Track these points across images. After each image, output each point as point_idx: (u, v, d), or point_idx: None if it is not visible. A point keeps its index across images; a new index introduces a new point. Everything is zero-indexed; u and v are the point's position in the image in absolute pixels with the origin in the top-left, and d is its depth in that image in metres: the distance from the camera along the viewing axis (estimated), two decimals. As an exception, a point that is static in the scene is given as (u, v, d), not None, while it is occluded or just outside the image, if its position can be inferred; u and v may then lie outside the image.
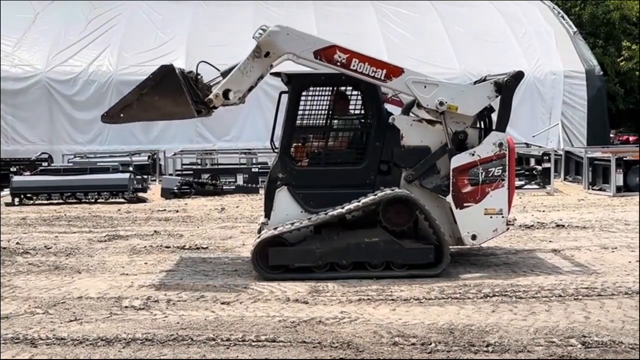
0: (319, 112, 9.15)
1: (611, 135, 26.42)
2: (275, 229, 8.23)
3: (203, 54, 22.41)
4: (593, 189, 17.25)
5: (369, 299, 7.16)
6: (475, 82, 9.34)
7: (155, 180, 19.08)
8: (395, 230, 8.29)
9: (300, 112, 8.84)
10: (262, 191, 17.29)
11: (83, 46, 22.99)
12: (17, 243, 10.75)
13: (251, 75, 8.46)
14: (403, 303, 7.02)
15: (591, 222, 12.17)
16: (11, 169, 18.40)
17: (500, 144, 8.35)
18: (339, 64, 8.35)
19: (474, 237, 8.42)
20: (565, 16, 26.12)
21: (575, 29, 25.33)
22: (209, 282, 8.00)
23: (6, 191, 16.71)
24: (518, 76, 8.48)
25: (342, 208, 8.17)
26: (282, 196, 8.50)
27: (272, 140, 9.34)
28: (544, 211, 13.76)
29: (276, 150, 9.04)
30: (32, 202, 15.86)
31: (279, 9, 25.60)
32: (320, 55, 8.37)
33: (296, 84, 8.93)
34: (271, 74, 9.14)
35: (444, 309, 6.79)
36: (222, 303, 7.07)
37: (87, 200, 15.92)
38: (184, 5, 26.13)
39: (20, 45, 22.95)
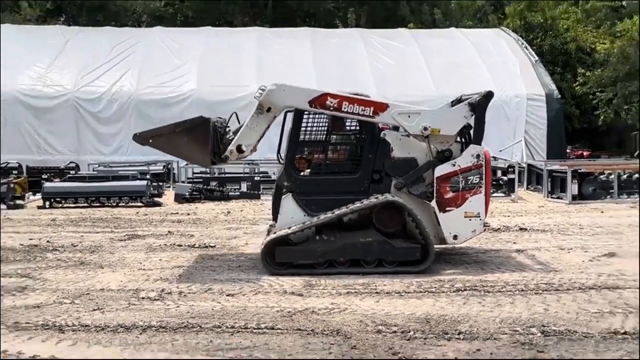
0: (319, 129, 9.15)
1: (567, 151, 26.52)
2: (280, 231, 8.27)
3: (212, 77, 22.50)
4: (552, 197, 17.29)
5: (356, 292, 7.16)
6: (452, 102, 9.33)
7: (169, 187, 19.07)
8: (386, 231, 8.31)
9: (302, 129, 8.83)
10: (263, 197, 17.35)
11: (107, 69, 22.99)
12: (48, 241, 10.72)
13: (258, 130, 8.52)
14: (386, 296, 7.02)
15: (550, 226, 12.19)
16: (43, 176, 18.38)
17: (478, 156, 8.40)
18: (331, 108, 8.43)
19: (455, 237, 8.46)
20: (528, 47, 26.24)
21: (536, 58, 25.46)
22: (216, 277, 8.00)
23: (38, 195, 16.68)
24: (488, 95, 8.54)
25: (341, 210, 8.21)
26: (287, 202, 8.50)
27: (278, 153, 9.34)
28: (508, 216, 13.79)
29: (282, 162, 9.03)
30: (61, 205, 15.83)
31: (280, 40, 25.68)
32: (315, 103, 8.45)
33: None
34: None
35: (422, 301, 6.79)
36: (227, 295, 7.07)
37: (109, 204, 15.90)
38: (196, 34, 26.21)
39: (52, 68, 22.93)
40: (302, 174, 8.79)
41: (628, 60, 25.15)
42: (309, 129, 8.95)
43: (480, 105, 8.45)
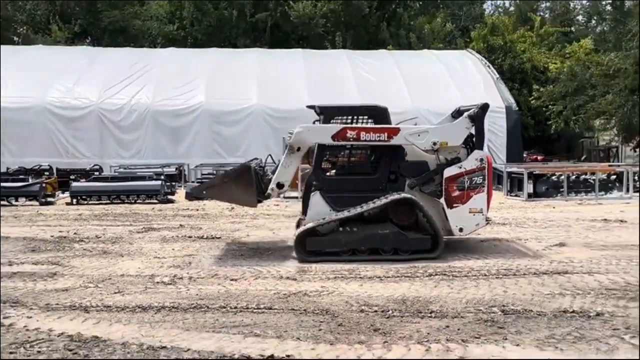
0: None
1: (524, 155, 26.57)
2: (309, 223, 8.33)
3: (218, 91, 22.43)
4: (510, 195, 17.35)
5: (342, 277, 7.16)
6: (452, 113, 9.49)
7: (181, 186, 18.99)
8: (401, 224, 8.37)
9: None
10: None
11: (127, 84, 22.87)
12: (75, 233, 10.65)
13: (291, 167, 8.57)
14: (368, 280, 7.02)
15: (509, 220, 12.25)
16: (70, 177, 18.27)
17: (481, 160, 8.50)
18: (352, 139, 8.47)
19: (461, 230, 8.53)
20: (491, 66, 26.30)
21: (497, 76, 25.53)
22: (221, 264, 7.97)
23: (67, 194, 16.58)
24: (484, 107, 8.71)
25: (362, 207, 8.28)
26: (316, 198, 8.53)
27: (307, 155, 9.27)
28: (474, 211, 13.79)
29: (311, 164, 9.04)
30: (86, 202, 15.71)
31: (277, 59, 25.63)
32: (337, 137, 8.45)
33: (327, 113, 9.07)
34: (307, 106, 9.40)
35: (399, 284, 6.79)
36: (231, 280, 7.05)
37: (128, 201, 15.80)
38: (204, 54, 26.12)
39: (79, 83, 22.77)
40: (328, 174, 8.84)
41: (575, 78, 25.23)
42: None
43: (478, 116, 8.59)
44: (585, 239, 9.74)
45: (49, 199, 16.14)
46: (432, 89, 23.27)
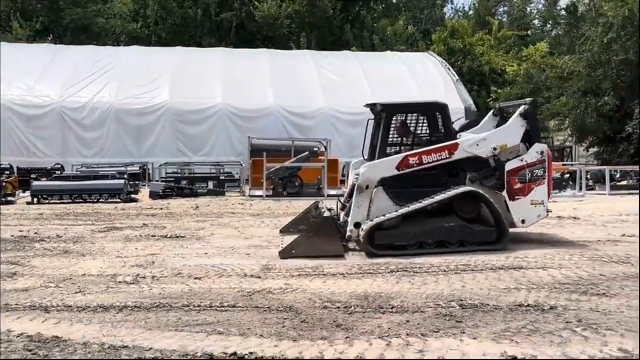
0: (407, 131, 9.29)
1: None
2: (377, 218, 8.32)
3: (183, 90, 22.14)
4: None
5: (306, 275, 7.14)
6: (494, 112, 9.66)
7: (145, 185, 18.68)
8: (466, 217, 8.44)
9: (390, 134, 9.00)
10: (227, 194, 17.18)
11: (89, 82, 22.41)
12: (35, 233, 10.37)
13: (364, 205, 8.49)
14: (332, 277, 7.02)
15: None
16: (32, 176, 17.81)
17: (542, 153, 8.65)
18: (415, 165, 8.50)
19: (523, 222, 8.65)
20: (451, 68, 26.67)
21: (457, 78, 25.90)
22: (185, 263, 7.85)
23: (28, 193, 16.15)
24: (533, 103, 8.93)
25: (433, 199, 8.37)
26: (379, 194, 8.51)
27: (363, 152, 9.50)
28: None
29: (365, 159, 9.19)
30: (47, 202, 15.34)
31: (242, 59, 25.42)
32: (401, 166, 8.50)
33: (389, 111, 9.07)
34: (365, 105, 9.48)
35: (362, 281, 6.81)
36: (195, 278, 6.95)
37: (91, 201, 15.49)
38: (169, 53, 25.77)
39: (41, 81, 22.20)
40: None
41: (532, 80, 25.83)
42: (395, 135, 9.15)
43: (529, 113, 8.75)
44: (540, 236, 9.95)
45: (10, 199, 15.70)
46: (395, 90, 23.44)
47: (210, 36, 33.04)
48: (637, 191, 18.06)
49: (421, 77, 25.10)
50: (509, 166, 8.56)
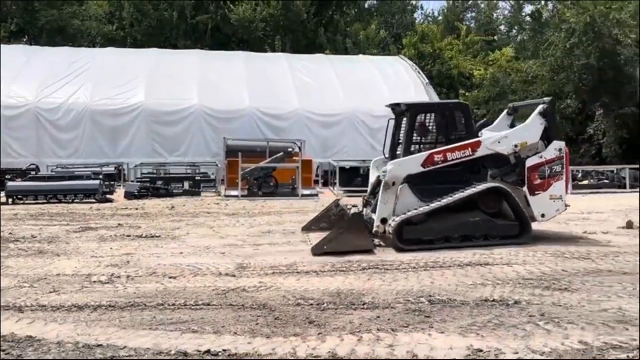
0: (430, 130, 9.43)
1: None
2: (404, 213, 8.50)
3: (158, 91, 21.88)
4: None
5: (280, 272, 7.13)
6: (507, 111, 9.96)
7: (120, 185, 18.39)
8: (489, 212, 8.61)
9: (415, 134, 9.16)
10: (202, 194, 17.04)
11: (65, 83, 21.97)
12: (10, 233, 10.13)
13: (390, 201, 8.66)
14: (305, 275, 7.02)
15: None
16: (6, 176, 17.37)
17: (560, 149, 8.86)
18: (440, 161, 8.67)
19: (543, 216, 8.85)
20: (421, 72, 26.88)
21: (427, 81, 26.11)
22: (160, 262, 7.76)
23: (2, 193, 15.76)
24: (552, 102, 9.18)
25: (457, 194, 8.56)
26: (404, 191, 8.65)
27: (383, 150, 9.75)
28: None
29: (386, 157, 9.40)
30: (22, 202, 15.00)
31: (217, 61, 25.23)
32: (426, 163, 8.66)
33: (413, 110, 9.22)
34: (386, 105, 9.70)
35: (334, 278, 6.83)
36: (170, 277, 6.87)
37: (65, 201, 15.19)
38: (144, 54, 25.44)
39: (15, 82, 21.70)
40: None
41: (497, 84, 26.19)
42: (418, 134, 9.30)
43: (548, 112, 8.97)
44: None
45: (-18, 199, 15.29)
46: (366, 92, 23.56)
47: (185, 38, 32.72)
48: (597, 190, 18.49)
49: (392, 80, 25.24)
50: (529, 162, 8.81)
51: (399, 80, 25.30)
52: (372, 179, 9.70)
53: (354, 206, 10.02)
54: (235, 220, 11.81)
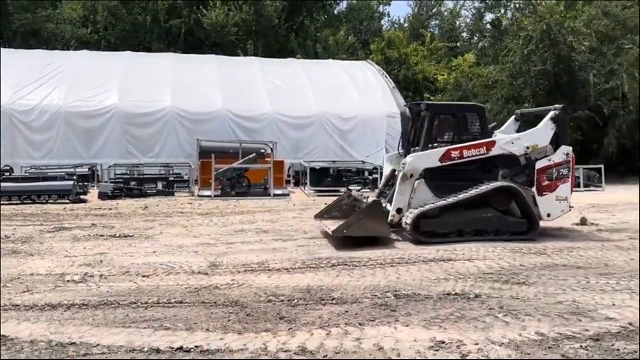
0: (447, 129, 9.72)
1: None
2: (420, 207, 8.77)
3: (132, 93, 21.52)
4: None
5: (252, 270, 7.09)
6: (515, 117, 10.36)
7: (94, 186, 18.01)
8: (500, 209, 8.88)
9: (433, 133, 9.45)
10: (176, 194, 16.82)
11: (38, 85, 21.38)
12: (-19, 234, 9.84)
13: (406, 192, 8.97)
14: (276, 272, 7.01)
15: (403, 214, 12.59)
16: (-21, 178, 16.83)
17: (567, 154, 9.16)
18: (456, 158, 8.96)
19: (549, 215, 9.11)
20: (388, 76, 27.01)
21: (393, 85, 26.26)
22: (133, 261, 7.64)
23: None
24: (564, 109, 9.48)
25: (472, 191, 8.84)
26: (421, 186, 8.92)
27: (398, 147, 10.21)
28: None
29: (400, 154, 9.78)
30: (-5, 202, 14.56)
31: (190, 64, 24.94)
32: (443, 158, 8.96)
33: (432, 110, 9.56)
34: (405, 105, 9.95)
35: (304, 275, 6.84)
36: (143, 276, 6.78)
37: (39, 201, 14.79)
38: (118, 57, 24.99)
39: (-12, 84, 21.06)
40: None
41: (460, 88, 26.50)
42: (435, 132, 9.57)
43: (559, 118, 9.25)
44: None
45: (-45, 200, 14.78)
46: (336, 96, 23.59)
47: (159, 42, 32.22)
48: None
49: (361, 84, 25.33)
50: (539, 164, 9.10)
51: (367, 84, 25.41)
52: (386, 172, 10.17)
53: (368, 197, 10.24)
54: (209, 220, 11.70)
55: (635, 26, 22.15)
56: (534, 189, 9.11)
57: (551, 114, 9.38)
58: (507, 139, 9.30)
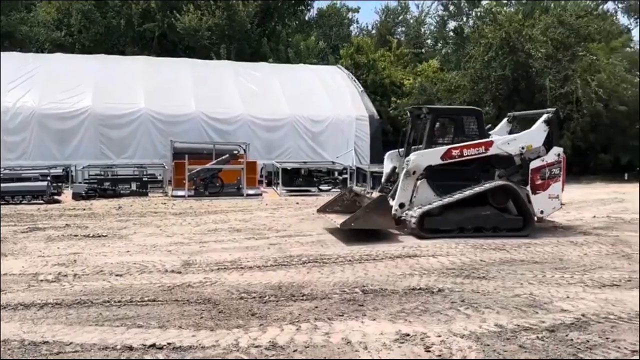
0: (447, 131, 9.93)
1: (384, 157, 27.69)
2: (424, 206, 8.97)
3: (106, 96, 21.10)
4: (373, 190, 17.96)
5: (225, 268, 7.03)
6: (508, 119, 10.69)
7: (68, 186, 17.59)
8: (498, 207, 9.09)
9: (435, 135, 9.66)
10: (150, 194, 16.56)
11: (12, 87, 20.80)
12: (-47, 235, 9.50)
13: (409, 189, 9.15)
14: (248, 270, 6.97)
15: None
16: (-49, 179, 16.22)
17: (559, 154, 9.42)
18: (457, 156, 9.17)
19: (542, 212, 9.36)
20: (357, 80, 27.14)
21: (362, 89, 26.40)
22: (107, 260, 7.49)
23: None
24: (557, 112, 9.71)
25: (472, 189, 9.08)
26: (423, 185, 9.10)
27: (398, 147, 10.30)
28: (342, 206, 14.14)
29: (400, 153, 9.98)
30: (-33, 204, 14.08)
31: (164, 67, 24.59)
32: (445, 156, 9.16)
33: (435, 113, 9.79)
34: (407, 109, 10.04)
35: (276, 273, 6.81)
36: (117, 275, 6.65)
37: (13, 202, 14.37)
38: (92, 59, 24.48)
39: (-39, 86, 20.36)
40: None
41: (425, 92, 26.78)
42: (436, 134, 9.77)
43: (552, 120, 9.50)
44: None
45: None
46: (308, 99, 23.59)
47: (133, 45, 31.68)
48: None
49: (331, 87, 25.37)
50: (533, 165, 9.35)
51: (337, 88, 25.47)
52: (386, 169, 10.40)
53: (371, 192, 10.48)
54: (182, 220, 11.55)
55: (589, 34, 22.79)
56: (528, 187, 9.39)
57: (545, 116, 9.68)
58: (504, 140, 9.60)
